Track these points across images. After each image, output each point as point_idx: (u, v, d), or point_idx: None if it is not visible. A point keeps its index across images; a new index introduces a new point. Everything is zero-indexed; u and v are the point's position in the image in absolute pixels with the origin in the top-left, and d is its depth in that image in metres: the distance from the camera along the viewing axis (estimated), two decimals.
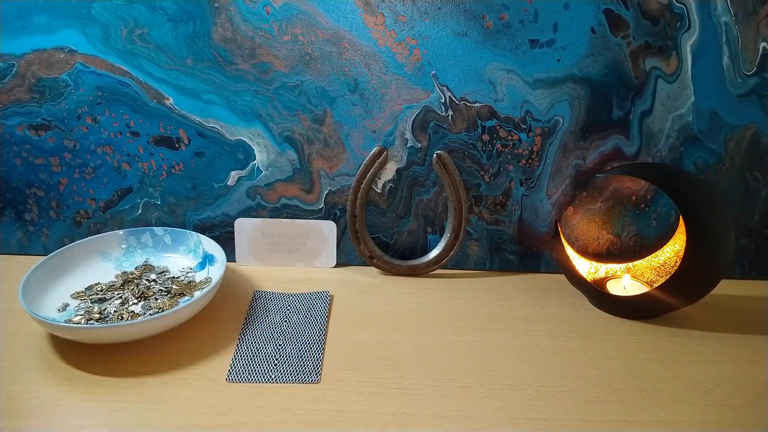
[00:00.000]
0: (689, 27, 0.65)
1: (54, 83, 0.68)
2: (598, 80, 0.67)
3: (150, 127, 0.70)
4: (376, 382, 0.54)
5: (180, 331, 0.60)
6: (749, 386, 0.56)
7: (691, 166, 0.71)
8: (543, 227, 0.75)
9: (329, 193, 0.73)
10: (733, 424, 0.51)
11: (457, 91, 0.68)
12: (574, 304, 0.69)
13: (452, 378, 0.55)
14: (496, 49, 0.66)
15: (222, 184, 0.73)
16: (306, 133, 0.71)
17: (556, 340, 0.62)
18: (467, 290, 0.72)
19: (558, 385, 0.55)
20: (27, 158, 0.72)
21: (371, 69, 0.67)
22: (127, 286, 0.65)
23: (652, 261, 0.73)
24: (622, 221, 0.74)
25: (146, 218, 0.75)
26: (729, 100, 0.68)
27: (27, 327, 0.60)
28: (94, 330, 0.54)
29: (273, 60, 0.67)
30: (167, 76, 0.68)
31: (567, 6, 0.64)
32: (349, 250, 0.76)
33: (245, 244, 0.75)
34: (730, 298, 0.71)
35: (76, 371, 0.54)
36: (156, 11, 0.65)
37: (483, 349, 0.60)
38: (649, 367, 0.58)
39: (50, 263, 0.64)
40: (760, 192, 0.73)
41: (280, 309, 0.65)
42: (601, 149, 0.71)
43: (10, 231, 0.75)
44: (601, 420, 0.51)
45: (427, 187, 0.73)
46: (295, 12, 0.65)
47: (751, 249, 0.75)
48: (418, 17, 0.65)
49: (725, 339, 0.63)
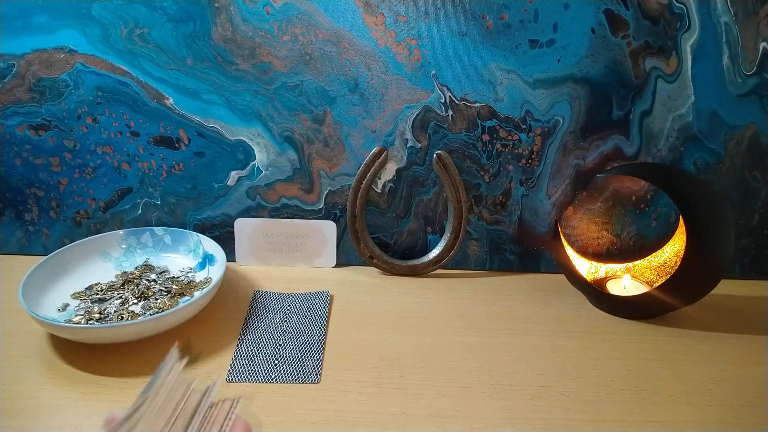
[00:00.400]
0: (689, 27, 0.65)
1: (54, 83, 0.68)
2: (598, 80, 0.67)
3: (150, 127, 0.70)
4: (376, 382, 0.54)
5: (180, 331, 0.60)
6: (749, 386, 0.56)
7: (691, 166, 0.71)
8: (543, 227, 0.75)
9: (329, 193, 0.73)
10: (733, 424, 0.51)
11: (457, 91, 0.68)
12: (574, 304, 0.69)
13: (452, 378, 0.55)
14: (496, 49, 0.66)
15: (222, 184, 0.73)
16: (306, 133, 0.71)
17: (556, 340, 0.62)
18: (467, 290, 0.72)
19: (558, 385, 0.55)
20: (27, 158, 0.72)
21: (371, 69, 0.67)
22: (127, 286, 0.65)
23: (652, 261, 0.73)
24: (622, 221, 0.74)
25: (146, 218, 0.75)
26: (729, 100, 0.68)
27: (27, 327, 0.60)
28: (94, 330, 0.54)
29: (273, 60, 0.67)
30: (167, 76, 0.68)
31: (567, 6, 0.64)
32: (349, 250, 0.76)
33: (245, 244, 0.75)
34: (730, 298, 0.71)
35: (76, 371, 0.54)
36: (156, 11, 0.65)
37: (483, 349, 0.60)
38: (649, 367, 0.58)
39: (50, 263, 0.64)
40: (760, 192, 0.73)
41: (280, 309, 0.65)
42: (601, 149, 0.71)
43: (10, 231, 0.75)
44: (601, 420, 0.51)
45: (427, 187, 0.73)
46: (295, 12, 0.65)
47: (751, 249, 0.75)
48: (418, 17, 0.65)
49: (725, 339, 0.63)
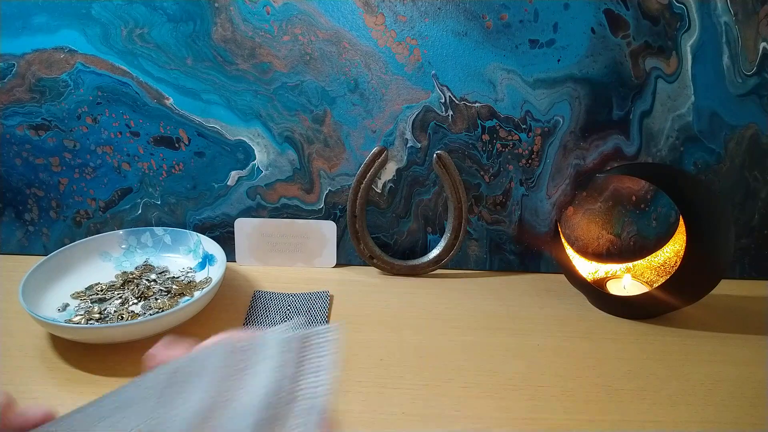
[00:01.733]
0: (689, 27, 0.65)
1: (54, 83, 0.68)
2: (598, 80, 0.67)
3: (150, 127, 0.70)
4: (376, 382, 0.54)
5: (180, 331, 0.60)
6: (749, 386, 0.56)
7: (691, 166, 0.71)
8: (543, 227, 0.75)
9: (329, 193, 0.73)
10: (733, 424, 0.51)
11: (457, 91, 0.68)
12: (574, 304, 0.69)
13: (452, 378, 0.55)
14: (496, 49, 0.66)
15: (222, 184, 0.73)
16: (306, 133, 0.71)
17: (556, 340, 0.62)
18: (467, 290, 0.72)
19: (558, 385, 0.55)
20: (27, 158, 0.72)
21: (371, 69, 0.67)
22: (127, 286, 0.65)
23: (652, 261, 0.73)
24: (622, 221, 0.74)
25: (146, 218, 0.75)
26: (729, 100, 0.68)
27: (27, 327, 0.60)
28: (94, 330, 0.54)
29: (273, 60, 0.67)
30: (167, 76, 0.68)
31: (567, 6, 0.64)
32: (349, 250, 0.76)
33: (245, 244, 0.75)
34: (730, 298, 0.71)
35: (76, 371, 0.54)
36: (156, 11, 0.65)
37: (483, 349, 0.60)
38: (649, 367, 0.58)
39: (50, 263, 0.64)
40: (760, 192, 0.73)
41: (280, 309, 0.65)
42: (601, 149, 0.71)
43: (10, 231, 0.75)
44: (601, 420, 0.51)
45: (427, 187, 0.73)
46: (295, 12, 0.65)
47: (751, 249, 0.75)
48: (418, 17, 0.65)
49: (725, 339, 0.63)
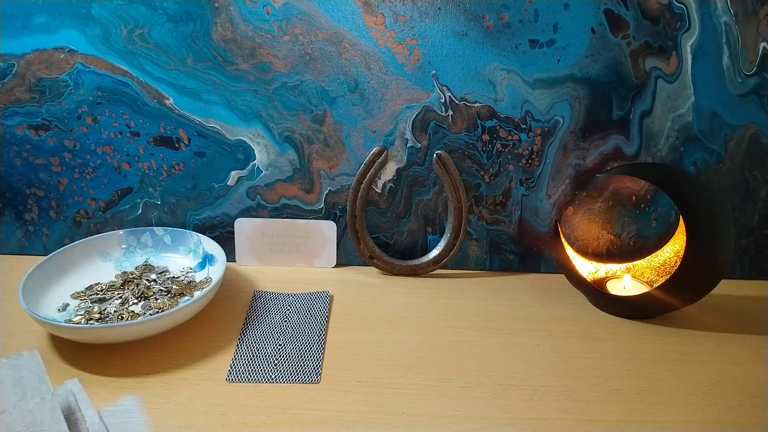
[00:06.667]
0: (689, 27, 0.65)
1: (54, 83, 0.68)
2: (598, 80, 0.67)
3: (150, 127, 0.70)
4: (376, 382, 0.54)
5: (180, 331, 0.60)
6: (749, 386, 0.56)
7: (691, 166, 0.71)
8: (543, 227, 0.75)
9: (329, 193, 0.73)
10: (733, 424, 0.51)
11: (457, 91, 0.68)
12: (574, 304, 0.69)
13: (452, 378, 0.55)
14: (496, 49, 0.66)
15: (222, 184, 0.73)
16: (306, 133, 0.71)
17: (556, 340, 0.62)
18: (467, 290, 0.72)
19: (558, 385, 0.55)
20: (27, 158, 0.72)
21: (371, 69, 0.67)
22: (127, 286, 0.65)
23: (652, 261, 0.73)
24: (622, 221, 0.74)
25: (146, 218, 0.75)
26: (729, 100, 0.68)
27: (27, 327, 0.60)
28: (94, 330, 0.54)
29: (273, 60, 0.67)
30: (167, 76, 0.68)
31: (567, 6, 0.64)
32: (349, 250, 0.76)
33: (245, 244, 0.75)
34: (730, 298, 0.71)
35: (76, 371, 0.54)
36: (156, 11, 0.65)
37: (483, 349, 0.60)
38: (649, 367, 0.58)
39: (50, 263, 0.64)
40: (760, 192, 0.73)
41: (280, 309, 0.65)
42: (601, 149, 0.71)
43: (10, 231, 0.75)
44: (601, 420, 0.51)
45: (427, 187, 0.73)
46: (295, 12, 0.65)
47: (751, 249, 0.75)
48: (418, 17, 0.65)
49: (725, 339, 0.63)
